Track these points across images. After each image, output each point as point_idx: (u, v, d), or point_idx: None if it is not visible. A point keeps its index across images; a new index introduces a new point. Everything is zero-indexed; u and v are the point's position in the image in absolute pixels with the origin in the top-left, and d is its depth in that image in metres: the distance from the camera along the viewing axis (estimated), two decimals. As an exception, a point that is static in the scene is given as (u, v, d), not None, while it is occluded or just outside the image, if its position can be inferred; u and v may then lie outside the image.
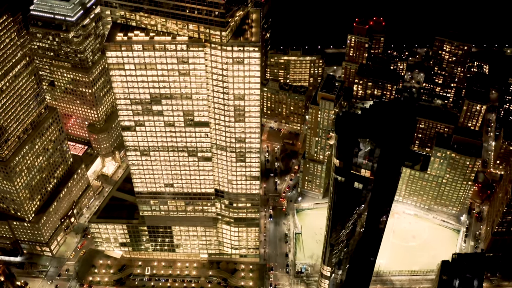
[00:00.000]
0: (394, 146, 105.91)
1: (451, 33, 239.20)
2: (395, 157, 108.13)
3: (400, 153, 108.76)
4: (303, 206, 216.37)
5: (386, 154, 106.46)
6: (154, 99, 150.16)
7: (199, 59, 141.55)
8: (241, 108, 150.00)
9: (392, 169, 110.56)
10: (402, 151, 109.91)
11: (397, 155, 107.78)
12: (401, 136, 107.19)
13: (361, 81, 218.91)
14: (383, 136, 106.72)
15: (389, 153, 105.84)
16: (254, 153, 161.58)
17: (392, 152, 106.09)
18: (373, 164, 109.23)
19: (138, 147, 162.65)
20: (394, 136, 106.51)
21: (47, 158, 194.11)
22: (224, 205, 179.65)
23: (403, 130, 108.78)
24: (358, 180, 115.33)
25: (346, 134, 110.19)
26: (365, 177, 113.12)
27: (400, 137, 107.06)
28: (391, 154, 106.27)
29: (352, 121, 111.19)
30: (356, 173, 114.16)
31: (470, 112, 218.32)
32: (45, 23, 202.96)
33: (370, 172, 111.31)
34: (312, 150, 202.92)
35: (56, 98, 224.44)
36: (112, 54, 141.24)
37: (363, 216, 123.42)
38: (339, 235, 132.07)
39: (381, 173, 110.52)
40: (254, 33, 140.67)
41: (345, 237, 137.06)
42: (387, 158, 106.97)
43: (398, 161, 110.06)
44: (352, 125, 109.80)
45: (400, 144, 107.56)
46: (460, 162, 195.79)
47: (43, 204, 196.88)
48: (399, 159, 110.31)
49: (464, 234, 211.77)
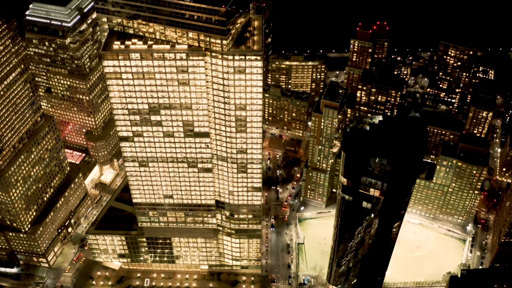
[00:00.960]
0: (406, 165, 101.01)
1: (456, 37, 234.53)
2: (406, 176, 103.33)
3: (412, 172, 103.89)
4: (305, 215, 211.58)
5: (397, 173, 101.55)
6: (152, 109, 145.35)
7: (199, 68, 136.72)
8: (243, 118, 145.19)
9: (402, 189, 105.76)
10: (414, 170, 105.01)
11: (408, 174, 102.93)
12: (413, 154, 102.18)
13: (364, 87, 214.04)
14: (394, 155, 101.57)
15: (401, 172, 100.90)
16: (256, 164, 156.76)
17: (404, 171, 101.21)
18: (383, 184, 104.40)
19: (136, 157, 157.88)
20: (406, 154, 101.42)
21: (44, 168, 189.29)
22: (225, 216, 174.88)
23: (415, 147, 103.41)
24: (366, 199, 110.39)
25: (354, 152, 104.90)
26: (374, 196, 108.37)
27: (413, 155, 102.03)
28: (402, 173, 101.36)
29: (360, 138, 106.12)
30: (364, 192, 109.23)
31: (476, 119, 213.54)
32: (41, 29, 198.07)
33: (379, 191, 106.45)
34: (315, 159, 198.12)
35: (53, 105, 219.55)
36: (109, 63, 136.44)
37: (371, 232, 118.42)
38: (345, 253, 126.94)
39: (391, 190, 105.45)
40: (256, 41, 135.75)
41: (351, 254, 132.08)
42: (398, 176, 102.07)
43: (409, 180, 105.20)
44: (361, 142, 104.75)
45: (412, 162, 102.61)
46: (467, 171, 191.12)
47: (40, 215, 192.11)
48: (411, 178, 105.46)
49: (470, 244, 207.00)
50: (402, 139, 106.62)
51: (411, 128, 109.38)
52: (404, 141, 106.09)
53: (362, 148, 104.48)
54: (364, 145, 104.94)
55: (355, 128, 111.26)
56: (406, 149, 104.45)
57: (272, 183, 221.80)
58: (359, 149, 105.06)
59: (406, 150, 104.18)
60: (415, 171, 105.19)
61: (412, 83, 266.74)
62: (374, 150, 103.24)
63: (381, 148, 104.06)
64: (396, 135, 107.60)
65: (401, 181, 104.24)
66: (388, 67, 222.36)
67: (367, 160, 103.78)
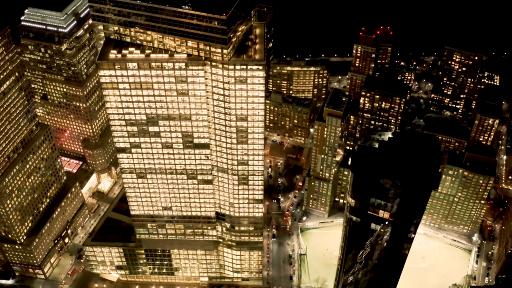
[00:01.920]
0: (418, 187, 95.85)
1: (461, 42, 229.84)
2: (418, 197, 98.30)
3: (424, 193, 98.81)
4: (307, 225, 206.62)
5: (409, 195, 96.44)
6: (150, 120, 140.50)
7: (198, 78, 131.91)
8: (244, 130, 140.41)
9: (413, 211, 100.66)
10: (427, 191, 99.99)
11: (420, 195, 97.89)
12: (426, 174, 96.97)
13: (368, 93, 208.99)
14: (406, 176, 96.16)
15: (413, 193, 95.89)
16: (258, 176, 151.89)
17: (416, 193, 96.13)
18: (393, 205, 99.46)
19: (134, 169, 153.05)
20: (418, 176, 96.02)
21: (39, 177, 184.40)
22: (225, 228, 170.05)
23: (428, 167, 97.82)
24: (375, 221, 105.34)
25: (363, 172, 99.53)
26: (383, 218, 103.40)
27: (425, 176, 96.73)
28: (414, 195, 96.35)
29: (369, 157, 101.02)
30: (373, 214, 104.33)
31: (482, 127, 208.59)
32: (36, 35, 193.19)
33: (389, 213, 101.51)
34: (318, 168, 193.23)
35: (49, 112, 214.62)
36: (105, 72, 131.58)
37: (378, 252, 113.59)
38: (351, 270, 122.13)
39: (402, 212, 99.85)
40: (258, 50, 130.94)
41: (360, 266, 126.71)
42: (410, 198, 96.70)
43: (421, 202, 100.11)
44: (370, 162, 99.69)
45: (425, 184, 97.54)
46: (473, 180, 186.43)
47: (35, 226, 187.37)
48: (423, 200, 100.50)
49: (476, 254, 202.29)
50: (414, 158, 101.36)
51: (423, 146, 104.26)
52: (416, 161, 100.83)
53: (371, 168, 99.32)
54: (373, 165, 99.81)
55: (363, 146, 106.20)
56: (418, 169, 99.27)
57: (273, 192, 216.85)
58: (368, 169, 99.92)
59: (418, 170, 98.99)
60: (427, 192, 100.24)
61: (415, 88, 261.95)
62: (384, 170, 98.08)
63: (392, 169, 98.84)
64: (407, 154, 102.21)
65: (413, 203, 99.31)
66: (392, 73, 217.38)
67: (376, 181, 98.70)
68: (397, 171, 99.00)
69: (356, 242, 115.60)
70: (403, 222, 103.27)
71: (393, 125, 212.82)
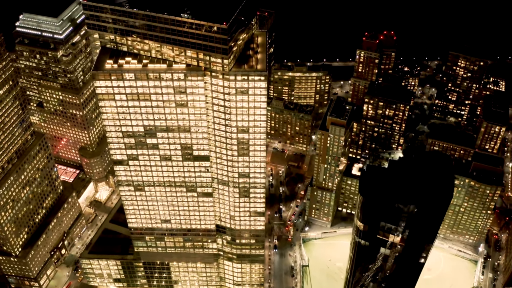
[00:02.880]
0: (432, 210, 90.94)
1: (466, 47, 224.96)
2: (431, 221, 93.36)
3: (438, 216, 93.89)
4: (310, 235, 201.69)
5: (421, 219, 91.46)
6: (148, 131, 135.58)
7: (198, 89, 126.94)
8: (245, 142, 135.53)
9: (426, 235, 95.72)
10: (440, 214, 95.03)
11: (434, 219, 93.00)
12: (439, 197, 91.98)
13: (371, 100, 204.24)
14: (418, 199, 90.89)
15: (425, 217, 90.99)
16: (259, 188, 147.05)
17: (429, 216, 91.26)
18: (405, 230, 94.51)
19: (131, 181, 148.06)
20: (431, 198, 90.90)
21: (35, 188, 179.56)
22: (226, 241, 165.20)
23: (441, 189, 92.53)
24: (385, 245, 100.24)
25: (372, 195, 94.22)
26: (394, 243, 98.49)
27: (439, 198, 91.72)
28: (427, 219, 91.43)
29: (379, 178, 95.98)
30: (383, 238, 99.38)
31: (488, 134, 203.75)
32: (31, 41, 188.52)
33: (400, 238, 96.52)
34: (320, 178, 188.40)
35: (45, 120, 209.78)
36: (101, 83, 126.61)
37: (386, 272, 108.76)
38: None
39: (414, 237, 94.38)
40: (260, 59, 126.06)
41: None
42: (422, 222, 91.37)
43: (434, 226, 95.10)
44: (380, 183, 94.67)
45: (439, 207, 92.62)
46: (480, 190, 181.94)
47: (31, 237, 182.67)
48: (436, 224, 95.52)
49: (482, 265, 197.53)
50: (426, 179, 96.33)
51: (435, 166, 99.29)
52: (429, 182, 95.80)
53: (382, 191, 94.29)
54: (383, 187, 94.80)
55: (372, 166, 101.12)
56: (431, 192, 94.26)
57: (275, 201, 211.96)
58: (377, 192, 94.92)
59: (431, 193, 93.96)
60: (441, 216, 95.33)
61: (419, 94, 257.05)
62: (395, 193, 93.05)
63: (403, 191, 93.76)
64: (419, 175, 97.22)
65: (425, 227, 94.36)
66: (396, 79, 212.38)
67: (386, 204, 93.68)
68: (409, 194, 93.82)
69: (363, 265, 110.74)
70: (414, 247, 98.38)
71: (397, 132, 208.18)
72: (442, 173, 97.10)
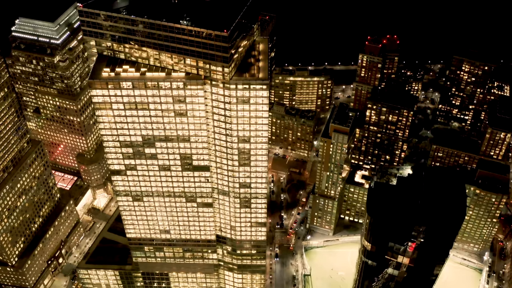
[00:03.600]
0: (443, 231, 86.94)
1: (470, 52, 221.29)
2: (442, 242, 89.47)
3: (449, 237, 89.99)
4: (312, 244, 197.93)
5: (432, 239, 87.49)
6: (146, 141, 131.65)
7: (198, 98, 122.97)
8: (246, 151, 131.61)
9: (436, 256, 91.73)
10: (452, 235, 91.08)
11: (445, 240, 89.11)
12: (451, 217, 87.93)
13: (374, 106, 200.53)
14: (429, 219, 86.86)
15: (436, 238, 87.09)
16: (261, 199, 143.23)
17: (440, 237, 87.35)
18: (414, 251, 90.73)
19: (129, 192, 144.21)
20: (443, 218, 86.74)
21: (31, 197, 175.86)
22: (226, 251, 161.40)
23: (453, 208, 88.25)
24: (394, 266, 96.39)
25: (381, 215, 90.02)
26: (403, 264, 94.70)
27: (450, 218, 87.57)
28: (438, 240, 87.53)
29: (387, 196, 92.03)
30: (391, 259, 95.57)
31: (493, 140, 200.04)
32: (28, 46, 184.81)
33: (409, 259, 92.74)
34: (323, 185, 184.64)
35: (42, 126, 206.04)
36: (98, 92, 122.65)
37: None
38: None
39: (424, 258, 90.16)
40: (261, 68, 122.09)
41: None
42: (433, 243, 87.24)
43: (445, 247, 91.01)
44: (388, 202, 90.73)
45: (450, 227, 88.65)
46: (485, 198, 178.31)
47: (28, 246, 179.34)
48: (447, 244, 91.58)
49: (487, 273, 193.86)
50: (437, 198, 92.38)
51: (446, 183, 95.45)
52: (440, 202, 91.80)
53: (390, 211, 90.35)
54: (392, 207, 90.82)
55: (379, 183, 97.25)
56: (443, 212, 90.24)
57: (276, 208, 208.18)
58: (386, 212, 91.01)
59: (443, 213, 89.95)
60: (452, 236, 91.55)
61: (422, 98, 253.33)
62: (405, 213, 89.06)
63: (413, 211, 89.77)
64: (430, 193, 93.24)
65: (436, 248, 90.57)
66: (399, 84, 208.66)
67: (395, 224, 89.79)
68: (420, 215, 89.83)
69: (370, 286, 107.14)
70: (424, 268, 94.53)
71: (401, 138, 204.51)
72: (454, 191, 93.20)
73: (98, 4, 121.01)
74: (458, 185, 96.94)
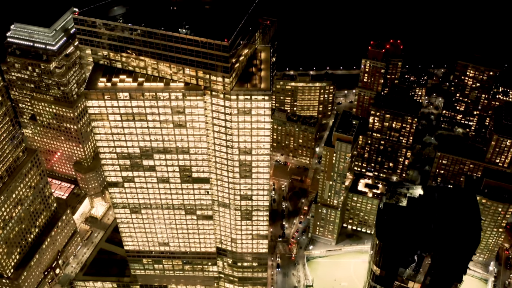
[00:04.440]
0: (456, 257, 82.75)
1: (475, 57, 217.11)
2: (455, 268, 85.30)
3: (463, 263, 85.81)
4: (314, 253, 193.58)
5: (444, 266, 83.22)
6: (144, 153, 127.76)
7: (197, 109, 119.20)
8: (248, 163, 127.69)
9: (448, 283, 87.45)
10: (465, 261, 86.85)
11: (458, 266, 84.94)
12: (464, 242, 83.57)
13: (377, 112, 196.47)
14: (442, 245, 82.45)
15: (449, 264, 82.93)
16: (263, 211, 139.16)
17: (453, 263, 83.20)
18: (426, 277, 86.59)
19: (127, 204, 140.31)
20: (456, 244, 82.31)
21: (27, 207, 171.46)
22: (227, 263, 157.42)
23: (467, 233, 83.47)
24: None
25: (391, 240, 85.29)
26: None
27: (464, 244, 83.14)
28: (450, 266, 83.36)
29: (397, 219, 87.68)
30: (402, 284, 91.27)
31: (499, 148, 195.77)
32: (23, 52, 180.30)
33: (420, 285, 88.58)
34: (325, 195, 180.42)
35: (38, 133, 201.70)
36: (94, 103, 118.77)
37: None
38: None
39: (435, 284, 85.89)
40: (263, 77, 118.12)
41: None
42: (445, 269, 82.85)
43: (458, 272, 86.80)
44: (398, 226, 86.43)
45: (464, 253, 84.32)
46: (492, 208, 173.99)
47: (24, 257, 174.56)
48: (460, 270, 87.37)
49: (493, 284, 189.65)
50: (450, 222, 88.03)
51: (460, 205, 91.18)
52: (453, 226, 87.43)
53: (400, 234, 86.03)
54: (402, 230, 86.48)
55: (389, 204, 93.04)
56: (456, 237, 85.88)
57: (277, 217, 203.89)
58: (396, 236, 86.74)
59: (456, 238, 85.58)
60: (466, 261, 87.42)
61: (425, 103, 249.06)
62: (416, 238, 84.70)
63: (425, 235, 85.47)
64: (442, 215, 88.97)
65: (448, 274, 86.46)
66: (403, 90, 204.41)
67: (406, 249, 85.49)
68: (432, 239, 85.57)
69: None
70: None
71: (405, 145, 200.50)
72: (468, 214, 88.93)
73: (94, 11, 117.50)
74: (471, 206, 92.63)
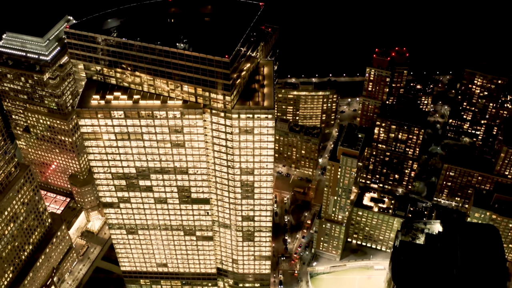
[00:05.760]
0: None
1: (483, 65, 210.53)
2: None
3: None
4: (318, 269, 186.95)
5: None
6: (141, 173, 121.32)
7: (196, 128, 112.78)
8: (250, 184, 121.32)
9: None
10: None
11: None
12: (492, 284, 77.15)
13: (383, 123, 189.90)
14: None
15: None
16: (265, 232, 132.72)
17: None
18: None
19: (123, 225, 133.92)
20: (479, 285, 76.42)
21: (20, 224, 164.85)
22: (228, 284, 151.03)
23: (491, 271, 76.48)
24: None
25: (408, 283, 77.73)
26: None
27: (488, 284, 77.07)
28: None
29: (414, 260, 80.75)
30: None
31: (508, 160, 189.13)
32: (16, 62, 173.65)
33: None
34: (330, 210, 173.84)
35: (32, 145, 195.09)
36: (87, 121, 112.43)
37: None
38: None
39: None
40: (266, 94, 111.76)
41: None
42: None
43: None
44: (416, 267, 79.48)
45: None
46: (502, 224, 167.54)
47: (17, 276, 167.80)
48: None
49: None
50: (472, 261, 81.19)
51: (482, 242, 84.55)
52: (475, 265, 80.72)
53: (419, 279, 79.28)
54: (421, 274, 79.55)
55: (405, 242, 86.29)
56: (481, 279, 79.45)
57: (279, 231, 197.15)
58: (414, 280, 79.89)
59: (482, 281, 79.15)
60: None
61: (431, 112, 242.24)
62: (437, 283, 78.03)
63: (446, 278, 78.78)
64: (463, 255, 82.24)
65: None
66: (409, 100, 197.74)
67: None
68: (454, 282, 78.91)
69: None
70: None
71: (411, 157, 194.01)
72: (492, 257, 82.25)
73: (86, 24, 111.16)
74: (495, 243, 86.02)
